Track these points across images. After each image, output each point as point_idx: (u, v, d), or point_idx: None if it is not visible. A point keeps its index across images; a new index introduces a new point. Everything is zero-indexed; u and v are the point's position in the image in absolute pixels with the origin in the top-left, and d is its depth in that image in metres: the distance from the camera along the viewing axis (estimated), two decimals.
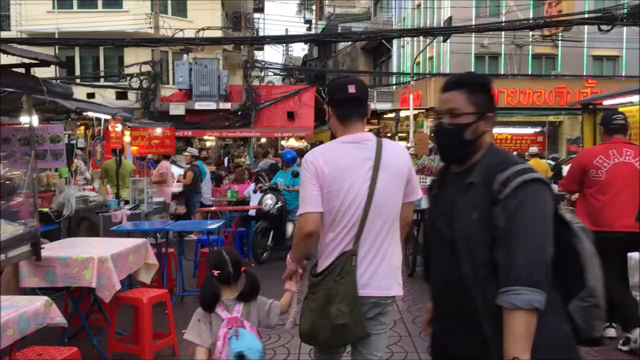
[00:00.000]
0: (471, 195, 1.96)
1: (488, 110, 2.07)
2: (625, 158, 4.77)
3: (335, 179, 2.67)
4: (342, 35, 22.21)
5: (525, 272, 1.75)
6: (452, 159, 2.17)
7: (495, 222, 1.85)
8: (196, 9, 24.94)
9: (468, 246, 1.94)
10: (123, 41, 17.48)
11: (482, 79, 2.13)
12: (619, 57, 25.80)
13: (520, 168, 1.90)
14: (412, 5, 30.12)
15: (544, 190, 1.89)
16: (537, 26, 17.86)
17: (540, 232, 1.82)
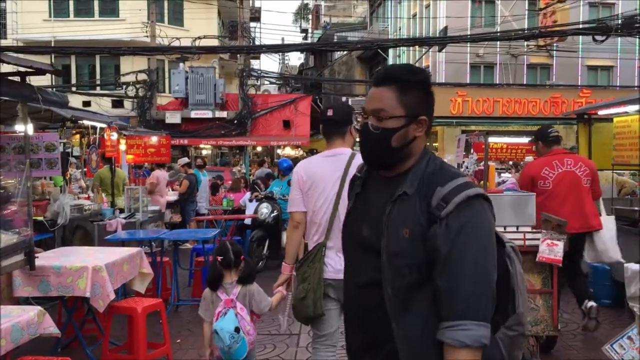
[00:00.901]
0: (403, 207, 1.70)
1: (421, 112, 1.77)
2: (567, 167, 5.32)
3: (311, 185, 3.41)
4: (338, 44, 22.28)
5: (473, 305, 1.55)
6: (377, 165, 1.88)
7: (433, 244, 1.61)
8: (193, 18, 24.99)
9: (394, 266, 1.69)
10: (119, 50, 17.49)
11: (417, 74, 1.81)
12: (613, 67, 25.94)
13: (463, 182, 1.66)
14: (408, 15, 30.27)
15: (487, 208, 1.67)
16: (532, 36, 17.94)
17: (487, 257, 1.60)
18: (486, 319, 1.56)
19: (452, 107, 24.03)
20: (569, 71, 25.35)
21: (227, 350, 3.38)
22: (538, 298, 4.63)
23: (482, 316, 1.55)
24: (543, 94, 24.46)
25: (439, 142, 24.67)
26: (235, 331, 3.37)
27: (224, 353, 3.42)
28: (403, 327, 1.66)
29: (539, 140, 5.65)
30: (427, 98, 1.81)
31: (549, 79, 25.78)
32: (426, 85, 1.81)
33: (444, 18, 24.37)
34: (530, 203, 4.84)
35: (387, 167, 1.84)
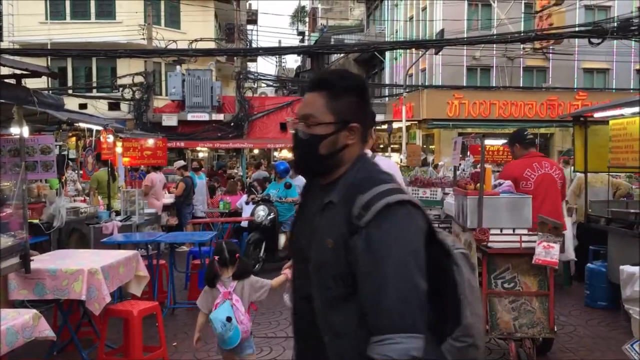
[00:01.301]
0: (328, 217, 1.63)
1: (353, 119, 1.69)
2: (545, 169, 5.57)
3: None
4: (335, 47, 22.35)
5: (398, 316, 1.46)
6: (307, 172, 1.84)
7: (355, 255, 1.53)
8: (189, 20, 24.99)
9: (320, 277, 1.62)
10: (116, 52, 17.49)
11: (349, 79, 1.73)
12: (609, 69, 26.01)
13: (385, 188, 1.56)
14: (405, 18, 30.31)
15: (413, 215, 1.57)
16: (528, 39, 18.01)
17: (411, 265, 1.50)
18: (416, 330, 1.46)
19: (448, 109, 24.07)
20: (565, 74, 25.42)
21: (221, 337, 3.72)
22: (534, 300, 4.63)
23: (412, 328, 1.46)
24: (539, 96, 24.52)
25: (435, 145, 24.71)
26: (227, 320, 3.67)
27: (219, 340, 3.78)
28: (333, 341, 1.60)
29: (517, 142, 5.86)
30: (361, 104, 1.73)
31: (545, 82, 25.86)
32: (360, 91, 1.73)
33: (440, 21, 24.40)
34: (526, 205, 4.84)
35: (317, 174, 1.79)
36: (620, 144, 6.71)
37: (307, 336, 1.73)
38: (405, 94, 24.20)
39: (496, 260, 4.68)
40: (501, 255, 4.67)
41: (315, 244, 1.65)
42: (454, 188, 5.62)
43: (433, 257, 1.61)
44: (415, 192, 7.69)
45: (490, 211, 4.73)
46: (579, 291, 7.22)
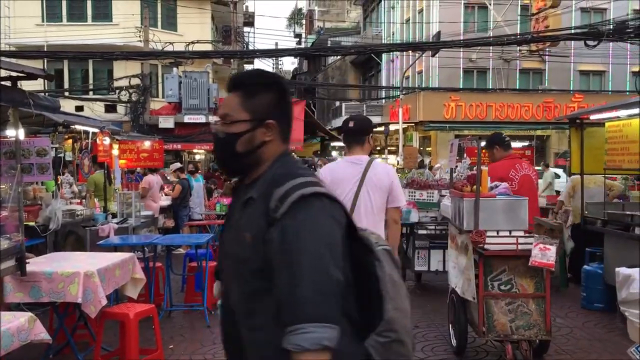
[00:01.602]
0: (248, 212, 1.65)
1: (269, 116, 1.72)
2: (525, 170, 5.80)
3: (333, 185, 3.88)
4: (332, 49, 22.35)
5: (311, 306, 1.45)
6: (228, 171, 1.89)
7: (271, 247, 1.54)
8: (186, 22, 24.98)
9: (239, 272, 1.65)
10: (112, 54, 17.46)
11: (263, 77, 1.78)
12: (605, 72, 26.10)
13: (301, 181, 1.58)
14: (401, 20, 30.36)
15: (329, 207, 1.58)
16: (524, 41, 18.05)
17: (325, 256, 1.49)
18: (330, 320, 1.45)
19: (445, 111, 24.12)
20: (561, 76, 25.50)
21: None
22: (531, 302, 4.63)
23: (324, 318, 1.45)
24: (536, 98, 24.60)
25: (432, 147, 24.76)
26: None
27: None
28: (252, 336, 1.61)
29: (496, 145, 6.08)
30: (279, 102, 1.76)
31: (542, 84, 25.93)
32: (276, 89, 1.76)
33: (437, 23, 24.46)
34: (522, 207, 4.85)
35: (238, 173, 1.83)
36: (616, 146, 6.72)
37: (230, 336, 1.74)
38: (402, 96, 24.24)
39: (492, 262, 4.68)
40: (498, 257, 4.67)
41: (235, 240, 1.67)
42: (451, 190, 5.62)
43: (354, 252, 1.63)
44: (412, 194, 7.70)
45: (486, 213, 4.73)
46: (575, 293, 7.23)
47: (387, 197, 3.99)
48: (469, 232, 4.73)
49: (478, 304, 4.63)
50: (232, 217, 1.78)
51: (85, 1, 24.87)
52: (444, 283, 6.26)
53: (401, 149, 21.92)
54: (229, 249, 1.73)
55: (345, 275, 1.56)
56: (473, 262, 4.69)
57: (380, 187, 3.96)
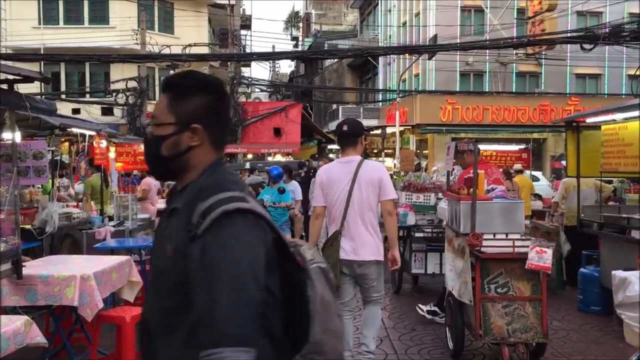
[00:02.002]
0: (172, 223, 1.59)
1: (195, 120, 1.62)
2: (496, 175, 6.16)
3: (329, 184, 4.45)
4: (329, 52, 22.36)
5: (228, 329, 1.37)
6: (156, 174, 1.82)
7: (191, 264, 1.46)
8: (183, 25, 25.00)
9: (158, 286, 1.58)
10: (109, 57, 17.45)
11: (192, 79, 1.67)
12: (601, 75, 26.18)
13: (226, 196, 1.49)
14: (398, 23, 30.43)
15: (253, 224, 1.49)
16: (521, 45, 18.10)
17: (246, 276, 1.42)
18: (248, 343, 1.38)
19: (442, 114, 24.15)
20: (558, 79, 25.57)
21: None
22: (527, 305, 4.64)
23: (243, 341, 1.37)
24: (532, 101, 24.65)
25: (429, 150, 24.80)
26: None
27: None
28: (165, 355, 1.54)
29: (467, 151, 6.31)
30: (209, 106, 1.65)
31: (538, 87, 25.99)
32: (207, 92, 1.66)
33: (433, 26, 24.51)
34: (519, 210, 4.86)
35: (165, 177, 1.77)
36: (612, 149, 6.75)
37: (146, 351, 1.65)
38: (399, 99, 24.27)
39: (489, 265, 4.69)
40: (494, 260, 4.68)
41: (157, 252, 1.61)
42: (447, 193, 5.63)
43: (286, 269, 1.56)
44: (409, 197, 7.71)
45: (483, 216, 4.74)
46: (572, 296, 7.24)
47: (378, 192, 4.39)
48: (465, 235, 4.73)
49: (475, 306, 4.63)
50: (161, 226, 1.71)
51: (82, 4, 24.87)
52: (441, 286, 6.27)
53: (398, 151, 21.95)
54: (153, 261, 1.65)
55: (272, 294, 1.50)
56: (470, 265, 4.70)
57: (371, 183, 4.38)
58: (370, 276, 4.41)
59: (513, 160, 14.03)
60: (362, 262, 4.36)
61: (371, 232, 4.42)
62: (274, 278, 1.53)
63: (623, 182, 13.11)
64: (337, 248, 4.32)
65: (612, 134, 6.77)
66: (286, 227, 9.01)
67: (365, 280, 4.41)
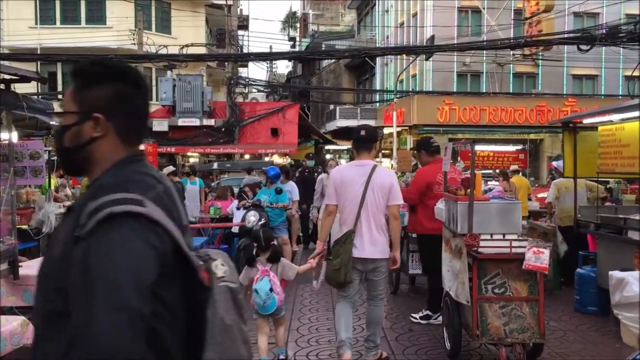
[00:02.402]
0: (65, 223, 1.48)
1: (97, 110, 1.49)
2: (450, 175, 6.07)
3: (343, 184, 4.77)
4: (326, 52, 22.37)
5: (104, 340, 1.24)
6: (64, 168, 1.68)
7: (73, 267, 1.33)
8: (180, 25, 24.97)
9: (43, 288, 1.45)
10: (106, 57, 17.40)
11: (99, 67, 1.56)
12: (598, 76, 26.23)
13: (117, 197, 1.36)
14: (395, 24, 30.44)
15: (143, 229, 1.36)
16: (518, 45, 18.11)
17: (127, 286, 1.29)
18: (126, 356, 1.26)
19: (439, 115, 24.18)
20: (555, 80, 25.61)
21: (262, 304, 4.65)
22: (524, 305, 4.65)
23: (120, 353, 1.25)
24: (529, 102, 24.69)
25: None
26: (270, 290, 4.64)
27: (260, 307, 4.68)
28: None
29: (422, 149, 6.62)
30: (116, 96, 1.52)
31: (535, 88, 26.03)
32: (114, 80, 1.53)
33: (430, 27, 24.53)
34: (516, 211, 4.87)
35: (72, 171, 1.63)
36: (609, 149, 6.77)
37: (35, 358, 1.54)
38: (396, 99, 24.28)
39: (486, 266, 4.69)
40: (491, 260, 4.68)
41: (47, 252, 1.52)
42: (445, 193, 5.64)
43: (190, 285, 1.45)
44: None
45: (480, 216, 4.75)
46: (568, 296, 7.25)
47: (388, 196, 4.72)
48: (463, 236, 4.74)
49: (472, 307, 4.64)
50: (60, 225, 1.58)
51: (79, 4, 24.83)
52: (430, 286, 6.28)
53: (395, 152, 21.97)
54: (42, 261, 1.53)
55: (168, 308, 1.40)
56: (467, 265, 4.70)
57: (382, 188, 4.72)
58: (379, 272, 4.81)
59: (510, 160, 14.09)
60: (373, 260, 4.74)
61: (381, 232, 4.77)
62: (172, 291, 1.41)
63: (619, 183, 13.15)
64: (350, 246, 4.63)
65: (609, 135, 6.79)
66: (283, 228, 9.01)
67: (375, 274, 4.80)
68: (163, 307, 1.38)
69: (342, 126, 29.62)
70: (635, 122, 6.18)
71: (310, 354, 5.33)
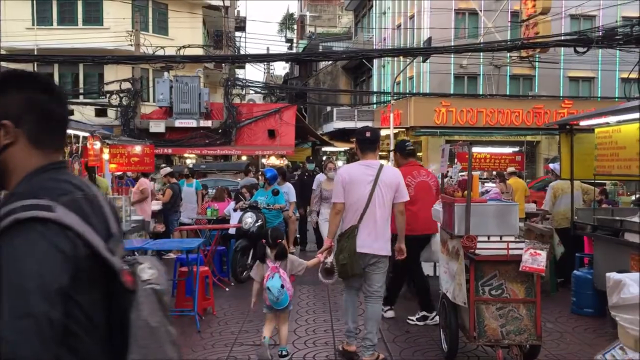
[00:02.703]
0: None
1: (6, 116, 1.47)
2: (422, 177, 6.47)
3: (350, 183, 4.96)
4: (323, 54, 22.43)
5: (10, 348, 1.23)
6: None
7: None
8: (177, 27, 24.96)
9: None
10: (103, 58, 17.41)
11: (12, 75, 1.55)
12: (594, 78, 26.31)
13: (27, 203, 1.35)
14: (393, 26, 30.49)
15: (52, 235, 1.35)
16: (514, 47, 18.18)
17: (34, 292, 1.27)
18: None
19: (436, 117, 24.21)
20: (551, 82, 25.68)
21: (276, 300, 4.93)
22: (521, 307, 4.65)
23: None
24: (526, 104, 24.75)
25: (423, 152, 24.82)
26: (281, 287, 4.91)
27: (273, 302, 4.96)
28: None
29: (397, 152, 6.84)
30: (25, 102, 1.50)
31: (532, 90, 26.09)
32: (24, 87, 1.51)
33: (428, 29, 24.57)
34: (513, 213, 4.87)
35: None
36: (605, 152, 6.77)
37: None
38: (393, 101, 24.32)
39: (483, 268, 4.69)
40: (488, 262, 4.68)
41: None
42: (442, 195, 5.64)
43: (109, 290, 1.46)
44: None
45: (477, 218, 4.75)
46: (565, 298, 7.26)
47: (395, 194, 4.98)
48: (460, 237, 4.74)
49: (469, 309, 4.64)
50: None
51: (76, 5, 24.80)
52: (435, 288, 6.28)
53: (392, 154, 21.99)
54: None
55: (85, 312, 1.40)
56: (464, 267, 4.70)
57: (390, 186, 4.96)
58: (378, 267, 5.00)
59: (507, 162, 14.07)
60: (375, 255, 4.93)
61: (384, 229, 4.98)
62: (91, 295, 1.42)
63: (616, 185, 13.18)
64: (354, 241, 4.84)
65: (605, 137, 6.80)
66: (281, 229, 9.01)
67: (374, 269, 4.98)
68: (79, 310, 1.38)
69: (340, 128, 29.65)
70: (632, 124, 6.20)
71: (307, 356, 5.32)
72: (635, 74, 10.40)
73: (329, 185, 7.67)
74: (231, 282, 8.58)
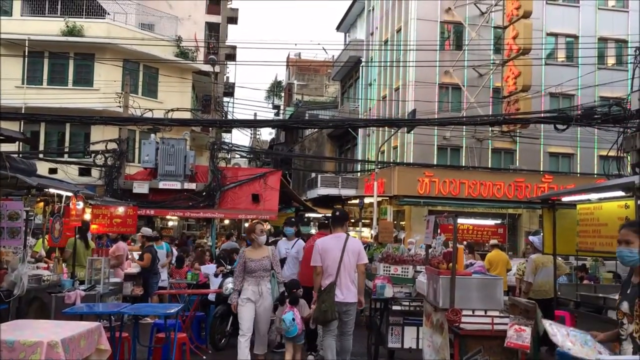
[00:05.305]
0: None
1: None
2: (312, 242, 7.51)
3: (325, 251, 6.49)
4: (310, 122, 22.75)
5: None
6: None
7: None
8: (167, 90, 25.32)
9: None
10: (91, 118, 17.51)
11: None
12: (573, 154, 26.91)
13: None
14: (378, 97, 31.20)
15: None
16: (496, 122, 18.64)
17: None
18: None
19: (419, 187, 24.43)
20: (532, 157, 26.20)
21: (287, 329, 6.65)
22: None
23: None
24: (507, 177, 25.12)
25: (406, 221, 24.89)
26: (292, 320, 6.64)
27: (286, 331, 6.68)
28: None
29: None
30: None
31: (513, 164, 26.57)
32: None
33: (412, 101, 25.17)
34: (498, 287, 4.86)
35: None
36: (587, 228, 6.85)
37: None
38: (377, 170, 24.57)
39: (468, 342, 4.63)
40: (473, 336, 4.63)
41: None
42: (426, 267, 5.62)
43: None
44: (387, 269, 7.66)
45: (462, 291, 4.72)
46: None
47: (357, 257, 6.47)
48: (444, 310, 4.70)
49: None
50: None
51: (67, 66, 25.14)
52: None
53: (375, 222, 22.00)
54: None
55: None
56: (448, 341, 4.64)
57: (353, 252, 6.48)
58: (350, 313, 6.46)
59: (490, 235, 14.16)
60: (348, 303, 6.38)
61: (354, 284, 6.45)
62: None
63: (597, 261, 13.25)
64: (333, 294, 6.28)
65: (587, 214, 6.89)
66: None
67: (347, 316, 6.43)
68: None
69: (324, 194, 29.76)
70: (613, 202, 6.31)
71: None
72: (614, 152, 10.67)
73: (255, 253, 6.92)
74: (209, 350, 8.35)
